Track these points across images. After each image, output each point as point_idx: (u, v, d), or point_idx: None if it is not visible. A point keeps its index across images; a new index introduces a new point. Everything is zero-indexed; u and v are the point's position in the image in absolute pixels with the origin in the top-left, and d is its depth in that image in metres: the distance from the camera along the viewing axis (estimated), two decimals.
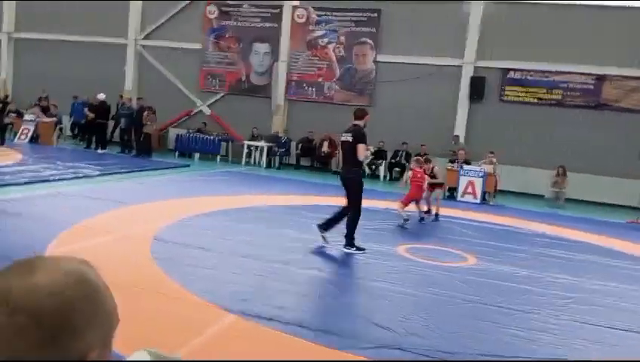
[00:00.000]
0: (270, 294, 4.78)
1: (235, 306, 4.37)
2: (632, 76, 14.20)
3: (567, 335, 4.43)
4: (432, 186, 9.76)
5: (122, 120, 15.86)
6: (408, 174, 9.27)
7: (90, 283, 0.76)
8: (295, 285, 5.12)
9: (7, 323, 0.69)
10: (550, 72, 14.86)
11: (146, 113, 14.95)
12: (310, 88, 17.06)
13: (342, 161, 6.85)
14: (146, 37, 18.65)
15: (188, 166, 14.36)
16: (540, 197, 13.95)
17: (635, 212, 12.08)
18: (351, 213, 6.65)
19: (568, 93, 14.86)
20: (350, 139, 6.61)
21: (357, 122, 6.76)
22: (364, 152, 6.62)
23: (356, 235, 6.68)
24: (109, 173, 11.20)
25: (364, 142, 6.60)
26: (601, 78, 14.52)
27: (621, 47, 14.16)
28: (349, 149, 6.61)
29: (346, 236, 6.63)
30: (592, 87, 14.65)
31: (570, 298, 5.50)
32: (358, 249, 6.60)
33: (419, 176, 8.94)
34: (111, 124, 16.42)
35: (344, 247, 6.60)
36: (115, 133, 16.81)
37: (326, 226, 6.73)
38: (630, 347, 4.32)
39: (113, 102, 16.59)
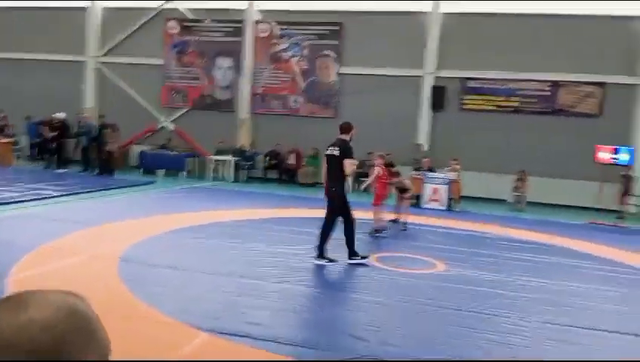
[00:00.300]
0: (243, 311, 4.72)
1: (207, 324, 4.30)
2: (585, 82, 14.74)
3: (538, 337, 4.52)
4: (402, 196, 9.85)
5: (83, 138, 15.50)
6: (378, 170, 8.92)
7: (82, 316, 0.77)
8: (268, 300, 5.07)
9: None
10: (507, 80, 15.29)
11: (108, 131, 14.65)
12: (275, 101, 17.08)
13: (326, 175, 6.80)
14: (106, 54, 18.35)
15: (153, 183, 14.12)
16: (503, 201, 14.27)
17: (593, 212, 12.47)
18: (327, 224, 6.65)
19: (525, 100, 15.30)
20: (337, 153, 6.59)
21: (343, 136, 6.80)
22: (350, 167, 6.64)
23: (328, 246, 6.68)
24: (72, 194, 10.90)
25: (350, 156, 6.62)
26: (556, 85, 15.02)
27: (574, 55, 14.70)
28: (336, 163, 6.60)
29: (318, 246, 6.64)
30: (548, 93, 15.14)
31: (538, 300, 5.62)
32: (330, 260, 6.62)
33: (383, 174, 8.88)
34: (71, 142, 16.04)
35: (316, 259, 6.62)
36: (76, 152, 16.42)
37: (350, 250, 6.72)
38: (599, 346, 4.43)
39: (72, 121, 16.21)
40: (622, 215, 12.54)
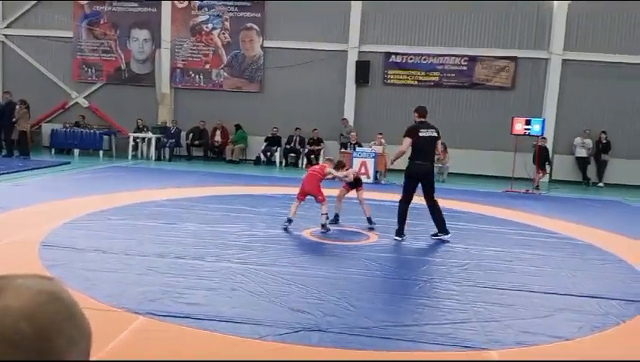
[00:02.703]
0: (180, 291, 4.61)
1: (144, 308, 4.17)
2: (498, 56, 15.46)
3: (469, 300, 4.78)
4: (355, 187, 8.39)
5: None
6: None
7: (65, 301, 0.70)
8: (205, 279, 4.98)
9: None
10: (427, 55, 15.72)
11: (17, 108, 13.54)
12: (197, 76, 16.57)
13: (424, 155, 7.04)
14: (9, 25, 16.93)
15: (69, 163, 13.34)
16: None
17: (509, 181, 13.24)
18: (405, 205, 7.07)
19: (444, 74, 15.83)
20: (436, 134, 7.12)
21: (426, 119, 7.23)
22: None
23: (262, 222, 6.64)
24: None
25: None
26: (472, 60, 15.64)
27: (489, 30, 15.35)
28: (433, 145, 7.11)
29: (440, 226, 7.04)
30: (465, 68, 15.74)
31: (466, 265, 5.92)
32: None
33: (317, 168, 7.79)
34: None
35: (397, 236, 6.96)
36: None
37: (442, 228, 7.04)
38: (524, 305, 4.74)
39: None
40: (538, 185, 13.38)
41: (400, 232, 7.00)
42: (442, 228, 7.08)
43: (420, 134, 7.04)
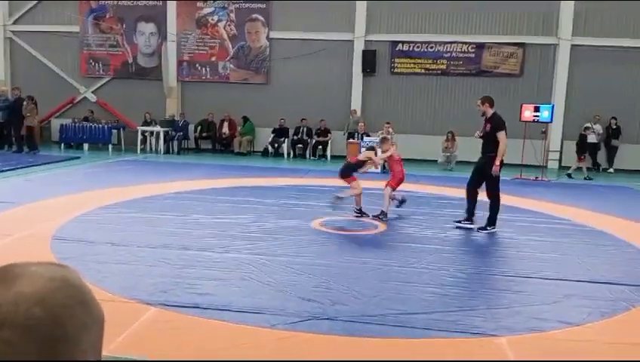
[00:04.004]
0: (190, 282, 4.66)
1: (155, 299, 4.22)
2: (506, 43, 15.33)
3: (477, 287, 4.78)
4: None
5: None
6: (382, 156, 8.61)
7: (78, 287, 0.71)
8: (214, 270, 5.03)
9: None
10: (434, 42, 15.62)
11: (25, 103, 13.66)
12: (204, 68, 16.58)
13: None
14: (16, 22, 17.01)
15: (78, 158, 13.44)
16: (434, 162, 14.76)
17: (518, 168, 13.17)
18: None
19: (452, 62, 15.73)
20: None
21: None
22: None
23: (271, 213, 6.67)
24: None
25: None
26: (480, 47, 15.52)
27: (496, 17, 15.21)
28: None
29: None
30: (472, 55, 15.62)
31: (473, 252, 5.92)
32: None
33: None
34: None
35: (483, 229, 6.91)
36: None
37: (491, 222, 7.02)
38: (532, 291, 4.75)
39: None
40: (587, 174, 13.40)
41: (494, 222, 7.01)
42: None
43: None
